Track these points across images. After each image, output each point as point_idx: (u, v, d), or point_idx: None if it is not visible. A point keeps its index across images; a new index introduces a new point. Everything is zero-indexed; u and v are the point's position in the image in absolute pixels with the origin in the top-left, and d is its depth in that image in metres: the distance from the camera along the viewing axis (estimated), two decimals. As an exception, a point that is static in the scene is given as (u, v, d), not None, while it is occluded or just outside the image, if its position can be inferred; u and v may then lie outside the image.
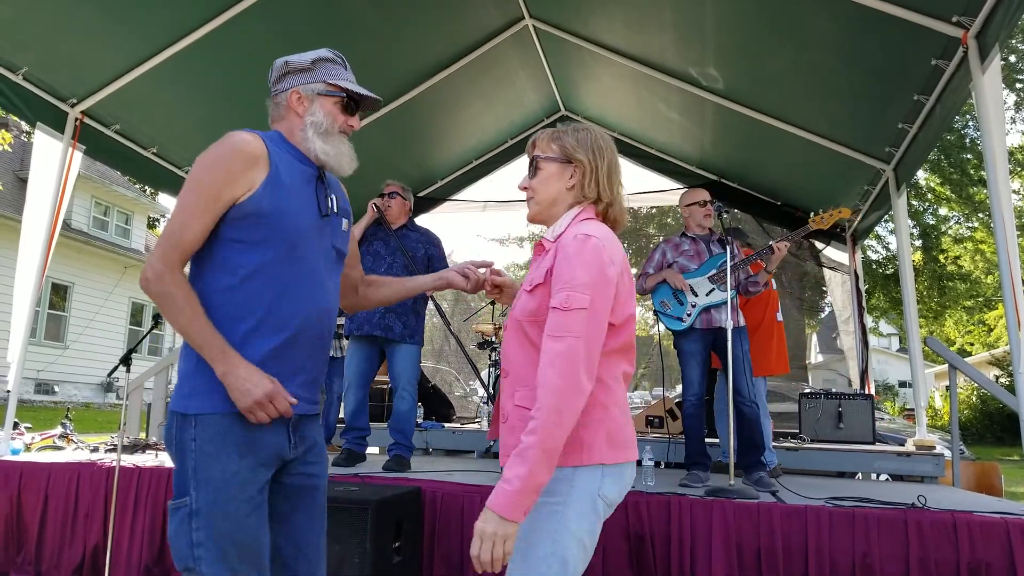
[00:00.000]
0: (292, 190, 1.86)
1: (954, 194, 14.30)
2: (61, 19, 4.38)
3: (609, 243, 1.75)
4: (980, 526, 3.03)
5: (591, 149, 1.85)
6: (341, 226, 2.00)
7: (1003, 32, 3.45)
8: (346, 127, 2.01)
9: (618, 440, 1.73)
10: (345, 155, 1.98)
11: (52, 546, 3.96)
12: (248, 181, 1.79)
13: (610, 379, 1.73)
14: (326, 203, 1.94)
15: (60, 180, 4.85)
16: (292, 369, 1.82)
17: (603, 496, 1.70)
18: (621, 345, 1.76)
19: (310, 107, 1.97)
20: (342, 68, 2.06)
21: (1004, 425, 19.82)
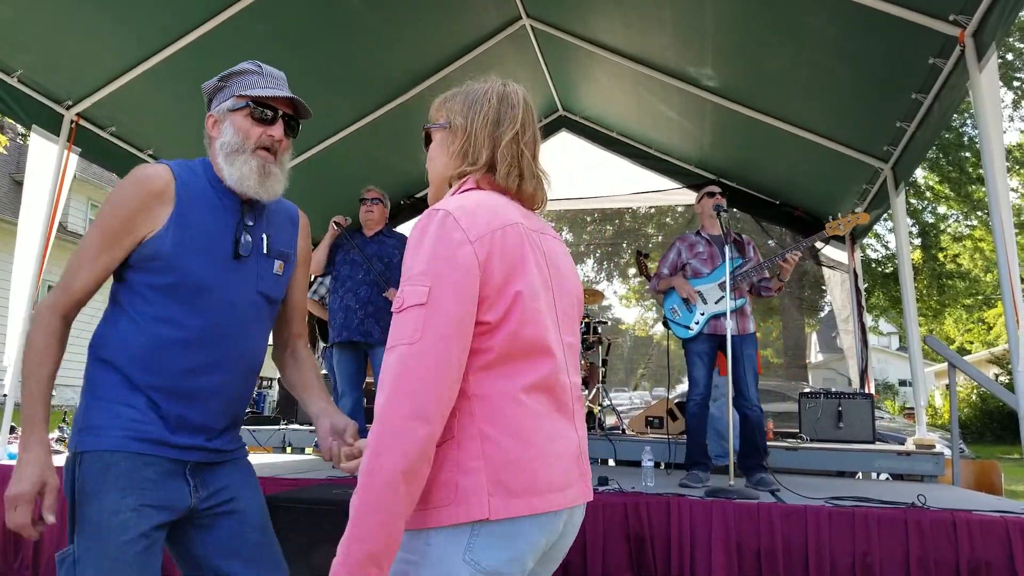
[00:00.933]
0: (202, 228, 1.68)
1: (953, 192, 14.32)
2: (56, 21, 4.36)
3: (472, 214, 1.30)
4: (980, 525, 3.02)
5: (469, 103, 1.47)
6: (272, 268, 1.78)
7: (1000, 30, 3.44)
8: (265, 140, 1.75)
9: (514, 484, 1.24)
10: (250, 175, 1.71)
11: (49, 551, 3.93)
12: (150, 219, 1.64)
13: (500, 398, 1.27)
14: (245, 243, 1.72)
15: (56, 182, 4.84)
16: (192, 420, 1.69)
17: (476, 564, 1.22)
18: (511, 348, 1.28)
19: (222, 129, 1.76)
20: (258, 76, 1.81)
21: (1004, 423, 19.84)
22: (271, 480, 3.78)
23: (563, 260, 1.47)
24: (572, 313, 1.45)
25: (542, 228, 1.47)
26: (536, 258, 1.36)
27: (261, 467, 4.37)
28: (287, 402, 6.67)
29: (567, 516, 1.34)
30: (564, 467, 1.32)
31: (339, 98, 6.14)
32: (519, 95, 1.49)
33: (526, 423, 1.27)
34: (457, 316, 1.22)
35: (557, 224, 24.84)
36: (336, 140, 6.53)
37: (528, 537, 1.25)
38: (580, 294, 1.52)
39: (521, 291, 1.29)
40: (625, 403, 10.00)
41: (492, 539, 1.22)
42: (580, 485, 1.37)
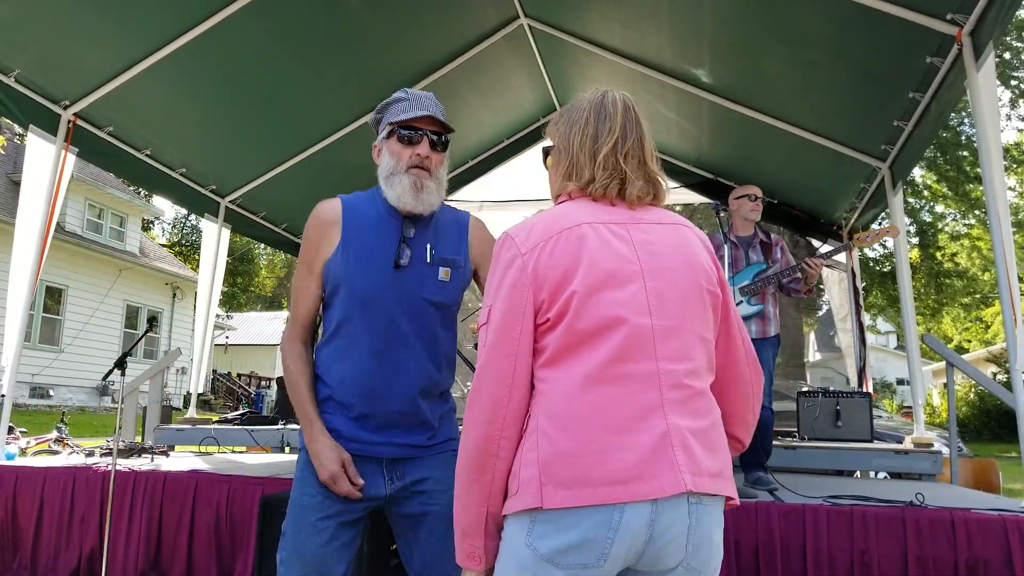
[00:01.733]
0: (368, 248, 1.91)
1: (950, 191, 14.34)
2: (53, 21, 4.36)
3: (530, 228, 1.41)
4: (978, 523, 3.03)
5: (570, 122, 1.52)
6: (436, 275, 1.94)
7: (997, 29, 3.44)
8: (415, 159, 1.93)
9: (563, 475, 1.27)
10: (406, 193, 1.91)
11: (48, 551, 3.93)
12: (327, 247, 1.93)
13: (555, 393, 1.33)
14: (405, 254, 1.92)
15: (53, 183, 4.82)
16: (375, 421, 1.92)
17: (534, 548, 1.29)
18: (568, 343, 1.34)
19: (381, 157, 2.00)
20: (406, 103, 1.98)
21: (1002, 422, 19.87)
22: (270, 480, 3.78)
23: (667, 245, 1.43)
24: (675, 296, 1.39)
25: (636, 219, 1.45)
26: (608, 247, 1.37)
27: (259, 467, 4.37)
28: (286, 402, 6.66)
29: (649, 514, 1.26)
30: (634, 459, 1.27)
31: (338, 97, 6.14)
32: (618, 103, 1.50)
33: (582, 415, 1.30)
34: (506, 328, 1.36)
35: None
36: (336, 139, 6.52)
37: (584, 529, 1.26)
38: (696, 278, 1.43)
39: (576, 290, 1.33)
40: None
41: (548, 527, 1.28)
42: (669, 477, 1.27)
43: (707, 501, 1.32)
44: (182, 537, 3.76)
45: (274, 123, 6.15)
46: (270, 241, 7.91)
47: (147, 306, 19.87)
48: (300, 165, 6.65)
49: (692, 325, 1.40)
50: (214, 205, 6.69)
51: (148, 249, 21.42)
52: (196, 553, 3.73)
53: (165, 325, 20.58)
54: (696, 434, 1.33)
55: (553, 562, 1.27)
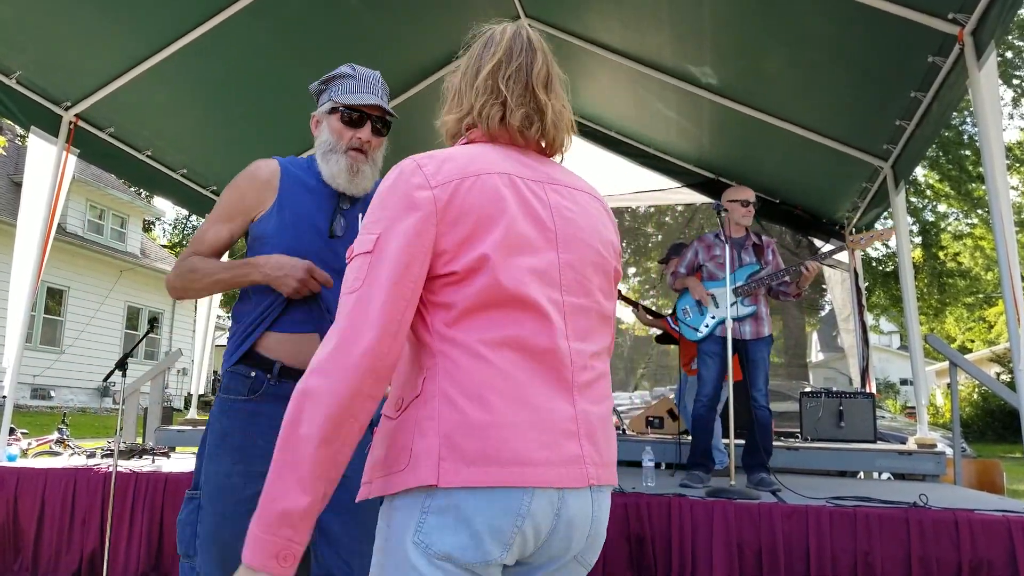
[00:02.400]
0: (304, 213, 1.89)
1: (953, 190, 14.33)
2: (54, 22, 4.36)
3: (442, 161, 1.22)
4: (982, 524, 3.02)
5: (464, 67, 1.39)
6: None
7: (999, 29, 3.43)
8: (355, 142, 1.95)
9: (469, 449, 1.09)
10: (341, 173, 1.91)
11: (49, 552, 3.93)
12: (258, 204, 1.91)
13: (462, 353, 1.14)
14: (339, 224, 1.91)
15: (55, 184, 4.83)
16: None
17: (427, 546, 1.08)
18: (478, 303, 1.15)
19: (320, 129, 2.00)
20: (353, 81, 2.02)
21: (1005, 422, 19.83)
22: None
23: (580, 213, 1.29)
24: (585, 271, 1.26)
25: (552, 179, 1.30)
26: (528, 208, 1.22)
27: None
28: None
29: (555, 503, 1.12)
30: (546, 441, 1.13)
31: (338, 98, 6.13)
32: (507, 31, 1.37)
33: (492, 383, 1.12)
34: (402, 266, 1.13)
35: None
36: (335, 140, 6.51)
37: (488, 517, 1.07)
38: (604, 252, 1.31)
39: (489, 252, 1.15)
40: (625, 403, 9.98)
41: (444, 518, 1.07)
42: (576, 467, 1.15)
43: (604, 491, 1.23)
44: (183, 538, 3.75)
45: (274, 124, 6.15)
46: (271, 242, 7.91)
47: (148, 307, 19.88)
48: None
49: (599, 303, 1.28)
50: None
51: (149, 250, 21.44)
52: (197, 554, 3.73)
53: (166, 326, 20.59)
54: (599, 421, 1.23)
55: (452, 559, 1.07)
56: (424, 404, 1.13)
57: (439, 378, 1.13)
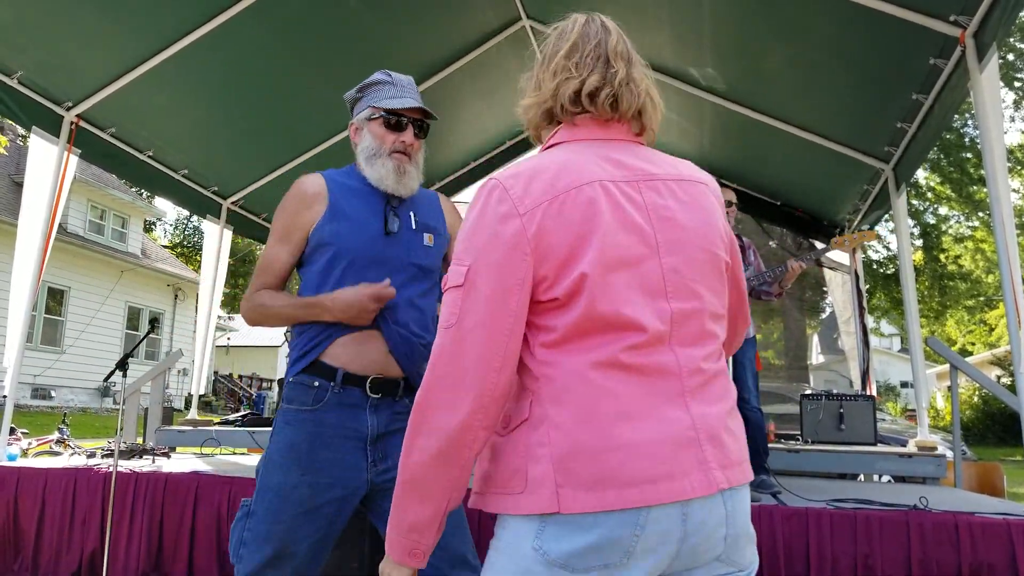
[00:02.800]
0: (358, 215, 1.97)
1: (954, 193, 14.32)
2: (55, 23, 4.36)
3: (528, 181, 1.18)
4: (982, 527, 3.01)
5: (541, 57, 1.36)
6: (422, 241, 2.02)
7: (1001, 31, 3.43)
8: (399, 145, 2.01)
9: (584, 474, 1.10)
10: (388, 176, 1.99)
11: (49, 552, 3.93)
12: (310, 216, 1.98)
13: (567, 376, 1.14)
14: (394, 222, 1.98)
15: (56, 184, 4.83)
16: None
17: (544, 553, 1.11)
18: (579, 326, 1.14)
19: (362, 136, 2.07)
20: (390, 86, 2.07)
21: (1006, 425, 19.81)
22: (270, 482, 3.77)
23: (681, 209, 1.23)
24: (691, 273, 1.21)
25: (647, 174, 1.25)
26: (623, 217, 1.17)
27: (261, 469, 4.36)
28: (287, 404, 6.66)
29: (679, 513, 1.11)
30: (663, 456, 1.11)
31: (339, 98, 6.11)
32: (580, 18, 1.34)
33: (600, 405, 1.11)
34: (498, 301, 1.12)
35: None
36: (338, 140, 6.52)
37: (606, 531, 1.09)
38: (712, 248, 1.26)
39: (588, 266, 1.12)
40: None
41: (563, 528, 1.10)
42: (701, 474, 1.13)
43: (739, 488, 1.20)
44: (183, 538, 3.75)
45: (276, 125, 6.15)
46: (272, 243, 7.91)
47: (149, 307, 19.88)
48: (302, 167, 6.65)
49: (709, 303, 1.24)
50: (216, 207, 6.70)
51: (150, 250, 21.45)
52: (197, 555, 3.73)
53: (167, 326, 20.60)
54: (721, 420, 1.20)
55: (568, 567, 1.10)
56: (534, 429, 1.15)
57: (545, 402, 1.14)
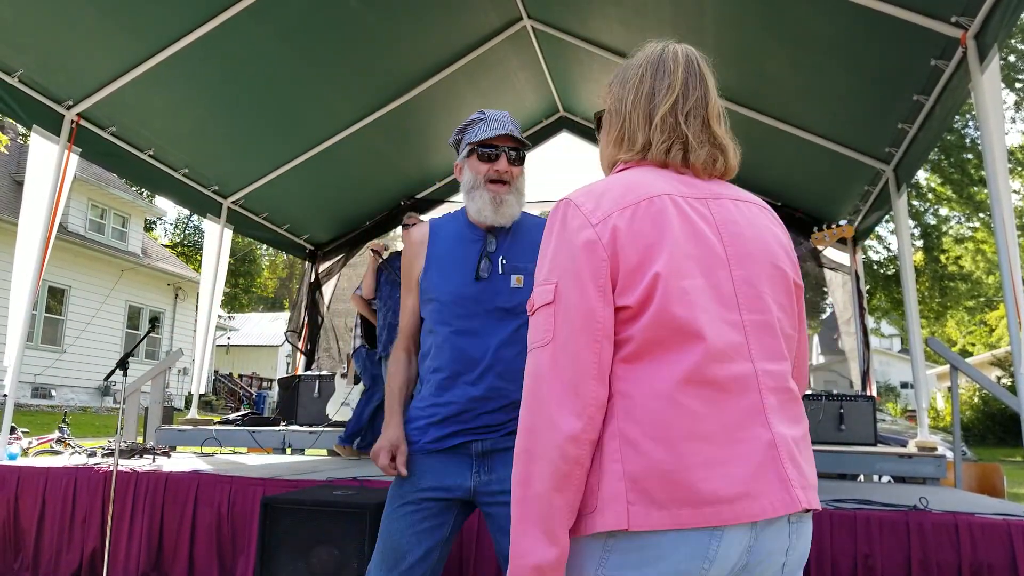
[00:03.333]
0: (450, 263, 2.06)
1: (955, 194, 14.32)
2: (57, 22, 4.37)
3: (599, 196, 1.20)
4: (982, 528, 3.01)
5: (623, 81, 1.35)
6: (509, 283, 2.05)
7: (1002, 32, 3.44)
8: (492, 174, 2.04)
9: (658, 493, 1.07)
10: (486, 207, 2.03)
11: (50, 551, 3.93)
12: (419, 265, 2.08)
13: (644, 395, 1.12)
14: (486, 266, 2.04)
15: (56, 183, 4.83)
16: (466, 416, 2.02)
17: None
18: (655, 336, 1.12)
19: (463, 173, 2.12)
20: (484, 123, 2.11)
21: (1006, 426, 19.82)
22: (271, 481, 3.77)
23: (747, 226, 1.25)
24: (761, 287, 1.21)
25: (715, 193, 1.28)
26: (692, 228, 1.19)
27: (260, 468, 4.37)
28: (287, 403, 6.67)
29: (748, 539, 1.09)
30: (740, 474, 1.08)
31: (340, 97, 6.14)
32: (679, 57, 1.31)
33: (676, 422, 1.09)
34: (587, 309, 1.13)
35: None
36: (338, 139, 6.53)
37: (673, 559, 1.06)
38: (782, 265, 1.26)
39: (660, 272, 1.12)
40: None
41: (627, 556, 1.08)
42: (777, 494, 1.10)
43: (806, 518, 1.18)
44: (183, 538, 3.75)
45: (276, 124, 6.16)
46: (272, 242, 7.92)
47: (149, 307, 19.88)
48: (302, 166, 6.65)
49: (780, 320, 1.23)
50: (216, 206, 6.70)
51: (150, 250, 21.44)
52: (197, 554, 3.73)
53: (167, 326, 20.59)
54: (798, 443, 1.17)
55: None
56: (605, 445, 1.12)
57: (619, 418, 1.12)
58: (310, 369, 7.87)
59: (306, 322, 8.19)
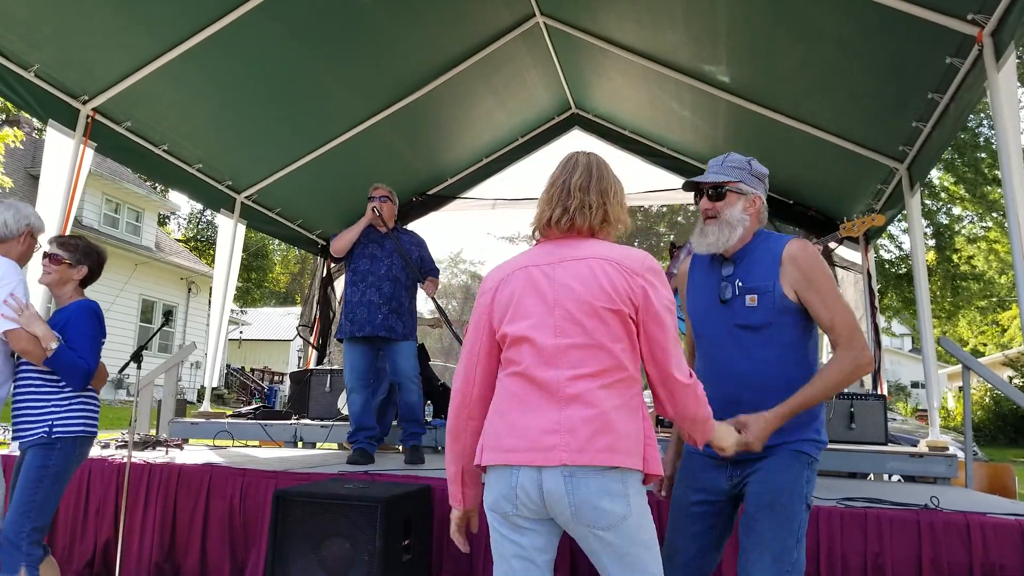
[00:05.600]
0: (701, 290, 2.41)
1: (968, 193, 14.22)
2: (73, 17, 4.40)
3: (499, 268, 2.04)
4: (993, 528, 3.00)
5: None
6: (744, 303, 2.29)
7: (1019, 30, 3.41)
8: (701, 212, 2.44)
9: (487, 442, 1.88)
10: (699, 241, 2.39)
11: (64, 541, 3.98)
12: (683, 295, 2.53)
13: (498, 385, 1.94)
14: (725, 290, 2.33)
15: (71, 177, 4.87)
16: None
17: (485, 499, 1.90)
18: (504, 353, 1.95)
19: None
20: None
21: (1018, 426, 19.68)
22: (283, 474, 3.80)
23: (575, 280, 1.87)
24: (576, 318, 1.84)
25: (560, 259, 1.92)
26: (536, 286, 1.90)
27: (273, 461, 4.40)
28: (298, 397, 6.70)
29: (534, 476, 1.77)
30: (530, 436, 1.79)
31: (352, 94, 6.16)
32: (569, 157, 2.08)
33: (502, 402, 1.89)
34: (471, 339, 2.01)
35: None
36: (350, 136, 6.55)
37: (499, 484, 1.83)
38: (592, 302, 1.84)
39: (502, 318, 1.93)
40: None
41: (488, 481, 1.89)
42: (541, 453, 1.77)
43: (583, 472, 1.75)
44: (196, 529, 3.79)
45: (289, 120, 6.18)
46: (285, 237, 7.95)
47: (162, 300, 20.01)
48: (315, 162, 6.68)
49: (594, 338, 1.83)
50: (230, 201, 6.74)
51: (164, 244, 21.58)
52: (210, 545, 3.77)
53: (180, 319, 20.73)
54: (586, 420, 1.77)
55: (500, 512, 1.85)
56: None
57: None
58: (321, 363, 7.90)
59: (318, 317, 8.22)
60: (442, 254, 29.40)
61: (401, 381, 4.80)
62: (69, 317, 3.13)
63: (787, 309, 2.25)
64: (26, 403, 3.01)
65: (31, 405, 3.01)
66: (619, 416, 1.80)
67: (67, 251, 3.29)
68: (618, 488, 1.77)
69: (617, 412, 1.81)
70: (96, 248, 3.36)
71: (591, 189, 1.97)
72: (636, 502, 1.81)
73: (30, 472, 2.92)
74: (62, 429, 2.99)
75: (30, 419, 2.99)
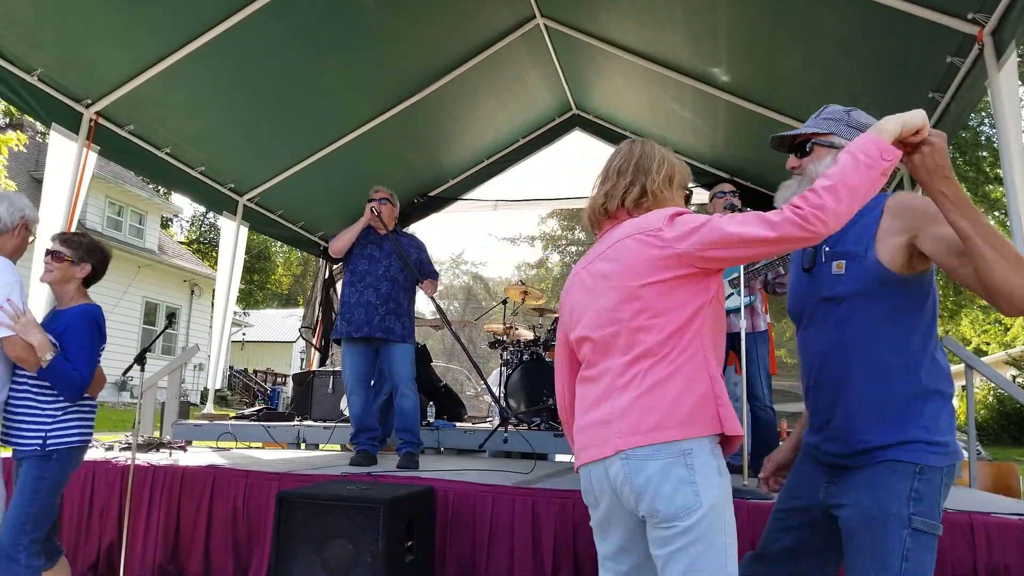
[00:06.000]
0: (793, 260, 2.18)
1: (970, 192, 14.19)
2: (76, 20, 4.41)
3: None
4: (997, 528, 3.00)
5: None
6: (830, 271, 1.96)
7: (1020, 29, 3.41)
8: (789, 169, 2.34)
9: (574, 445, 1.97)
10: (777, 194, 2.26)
11: (67, 543, 3.98)
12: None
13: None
14: (808, 257, 2.07)
15: (75, 180, 4.89)
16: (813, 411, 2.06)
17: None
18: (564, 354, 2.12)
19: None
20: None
21: (1021, 425, 19.62)
22: (286, 475, 3.81)
23: (611, 269, 1.89)
24: (613, 307, 1.86)
25: (596, 254, 1.98)
26: (584, 286, 1.98)
27: (276, 463, 4.40)
28: (301, 399, 6.71)
29: (601, 469, 1.80)
30: (592, 432, 1.84)
31: (354, 95, 6.18)
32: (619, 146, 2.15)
33: (576, 405, 1.96)
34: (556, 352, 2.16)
35: (569, 223, 24.70)
36: (353, 138, 6.56)
37: (582, 484, 1.90)
38: (628, 285, 1.83)
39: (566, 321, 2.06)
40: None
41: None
42: (600, 446, 1.79)
43: (637, 454, 1.72)
44: (199, 531, 3.80)
45: (292, 122, 6.20)
46: (287, 239, 7.97)
47: (166, 303, 20.04)
48: (317, 164, 6.69)
49: (632, 321, 1.81)
50: (232, 203, 6.75)
51: (167, 246, 21.60)
52: (213, 547, 3.77)
53: (183, 322, 20.75)
54: (634, 402, 1.75)
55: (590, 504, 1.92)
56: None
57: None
58: (324, 365, 7.92)
59: (320, 318, 8.24)
60: (444, 255, 29.10)
61: (396, 385, 4.65)
62: (68, 323, 3.04)
63: (884, 279, 1.86)
64: (20, 409, 2.94)
65: (26, 413, 2.94)
66: (671, 389, 1.73)
67: (70, 248, 3.15)
68: (682, 473, 1.67)
69: (668, 385, 1.73)
70: (100, 246, 3.26)
71: (628, 171, 2.00)
72: (707, 493, 1.66)
73: (26, 485, 2.86)
74: (56, 441, 2.93)
75: (24, 428, 2.92)
